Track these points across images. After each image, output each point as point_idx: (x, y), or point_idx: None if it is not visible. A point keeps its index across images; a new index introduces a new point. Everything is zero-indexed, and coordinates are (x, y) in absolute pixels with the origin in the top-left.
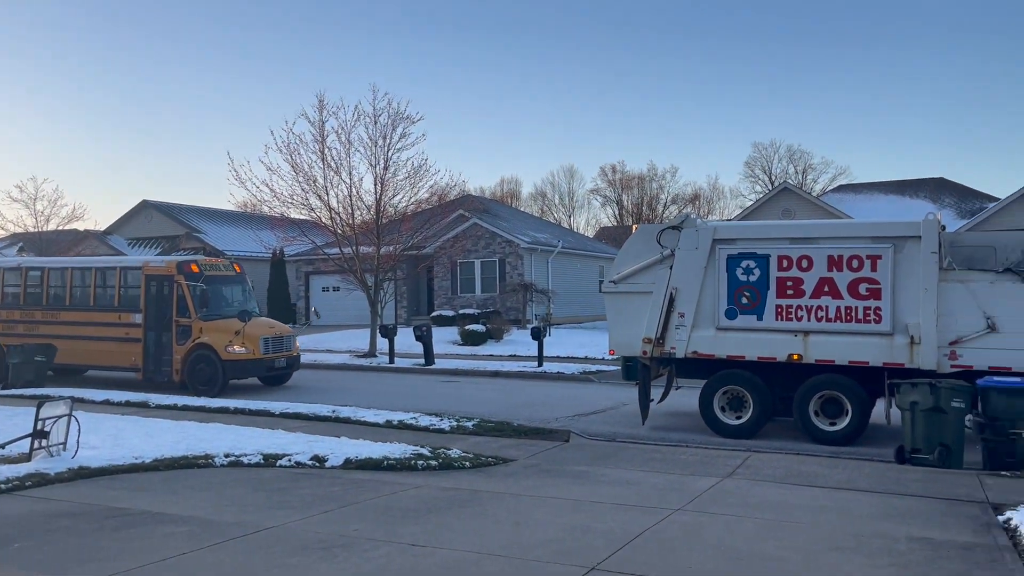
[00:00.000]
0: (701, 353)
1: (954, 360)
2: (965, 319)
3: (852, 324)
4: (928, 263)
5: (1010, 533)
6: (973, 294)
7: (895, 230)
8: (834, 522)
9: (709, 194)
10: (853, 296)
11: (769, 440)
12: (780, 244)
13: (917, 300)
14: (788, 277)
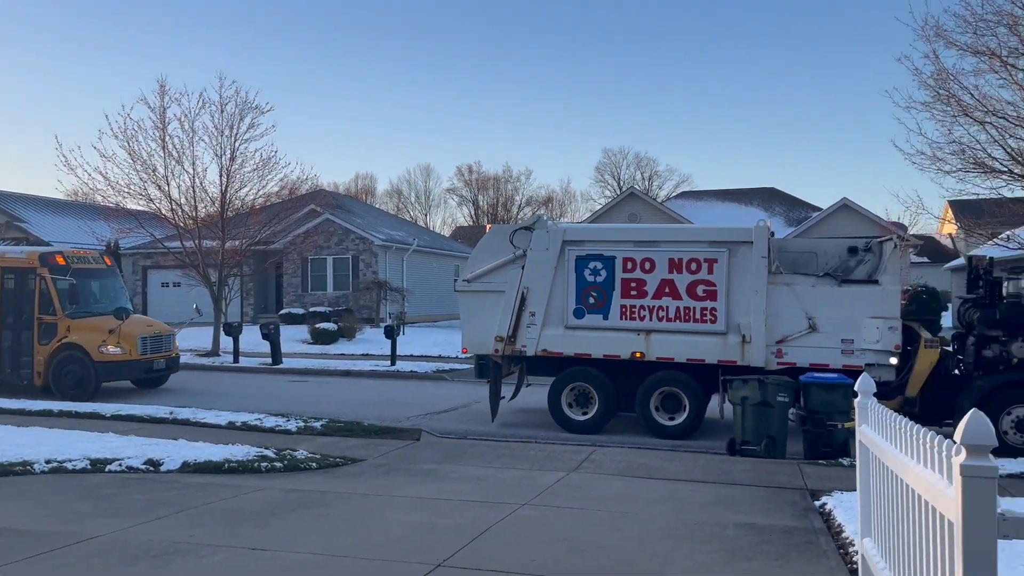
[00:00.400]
0: (551, 351)
1: (780, 358)
2: (790, 319)
3: (690, 324)
4: (758, 267)
5: (824, 517)
6: (797, 296)
7: (730, 235)
8: (670, 512)
9: (562, 197)
10: (692, 297)
11: (613, 435)
12: (625, 247)
13: (748, 301)
14: (632, 278)
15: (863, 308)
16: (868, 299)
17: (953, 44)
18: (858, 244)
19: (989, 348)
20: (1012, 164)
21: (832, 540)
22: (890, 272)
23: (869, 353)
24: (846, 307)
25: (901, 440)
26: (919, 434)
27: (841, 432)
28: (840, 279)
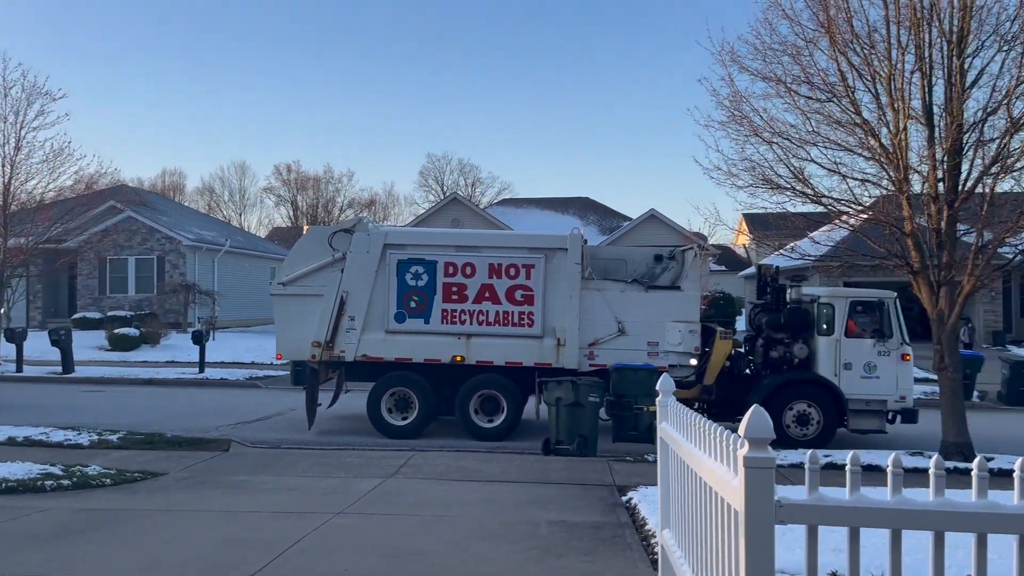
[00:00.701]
0: (370, 356)
1: (592, 360)
2: (601, 323)
3: (509, 328)
4: (573, 273)
5: (630, 511)
6: (608, 301)
7: (546, 242)
8: (486, 513)
9: (385, 200)
10: (510, 302)
11: (434, 439)
12: (447, 251)
13: (563, 306)
14: (453, 283)
15: (667, 312)
16: (671, 304)
17: (746, 69)
18: (663, 252)
19: (775, 349)
20: (795, 182)
21: (636, 533)
22: (691, 279)
23: (672, 355)
24: (652, 311)
25: (695, 436)
26: (710, 429)
27: (646, 415)
28: (647, 285)
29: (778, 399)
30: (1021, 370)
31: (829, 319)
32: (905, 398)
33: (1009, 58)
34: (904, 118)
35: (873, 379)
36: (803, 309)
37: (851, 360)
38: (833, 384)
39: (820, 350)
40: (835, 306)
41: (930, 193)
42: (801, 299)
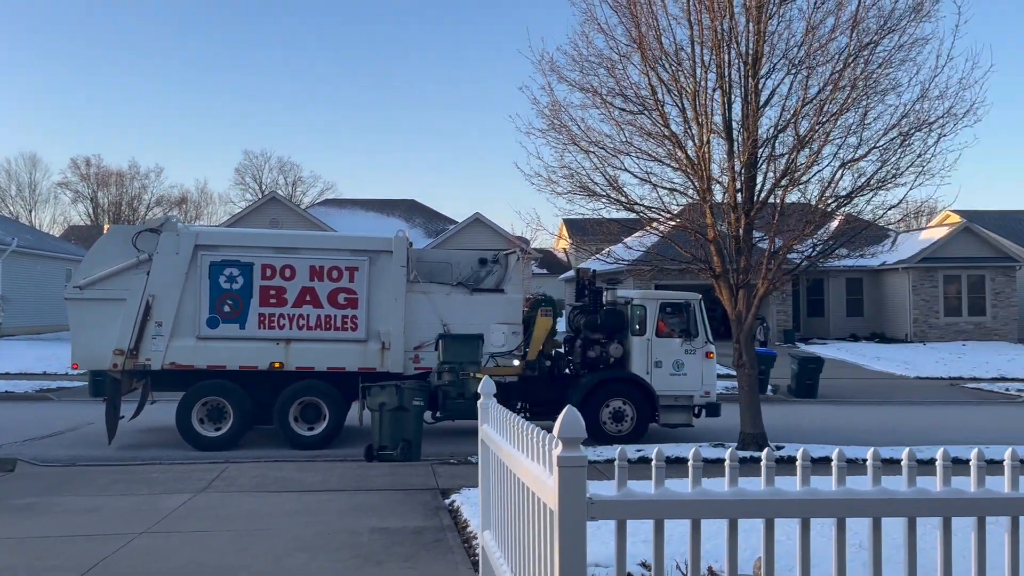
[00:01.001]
0: (180, 364)
1: (418, 363)
2: (427, 326)
3: (331, 332)
4: (398, 276)
5: (453, 514)
6: (433, 304)
7: (371, 244)
8: (304, 524)
9: (198, 198)
10: (333, 305)
11: (250, 449)
12: (265, 253)
13: (388, 309)
14: (271, 286)
15: (491, 315)
16: (495, 306)
17: (564, 79)
18: (487, 256)
19: (592, 349)
20: (610, 189)
21: (459, 535)
22: (514, 282)
23: (496, 356)
24: (476, 314)
25: (514, 437)
26: (527, 430)
27: (473, 382)
28: (472, 288)
29: (595, 397)
30: (808, 366)
31: (641, 320)
32: (709, 393)
33: (796, 81)
34: (707, 132)
35: (681, 376)
36: (618, 311)
37: (661, 358)
38: (645, 382)
39: (634, 349)
40: (647, 307)
41: (730, 202)
42: (616, 301)
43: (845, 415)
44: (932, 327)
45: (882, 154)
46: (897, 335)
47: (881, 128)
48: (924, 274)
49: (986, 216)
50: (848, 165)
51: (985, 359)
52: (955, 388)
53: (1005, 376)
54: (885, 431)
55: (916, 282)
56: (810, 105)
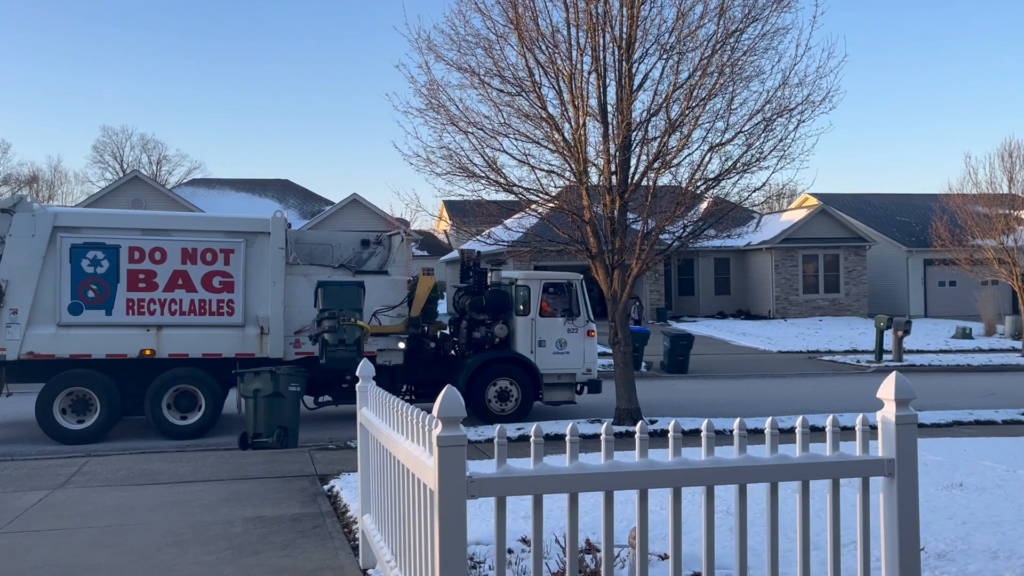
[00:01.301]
0: (39, 354)
1: (298, 348)
2: (308, 309)
3: (206, 317)
4: (276, 258)
5: (332, 500)
6: (313, 287)
7: (247, 226)
8: (174, 517)
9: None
10: (207, 289)
11: (116, 442)
12: (132, 235)
13: (267, 293)
14: (140, 269)
15: (375, 298)
16: (379, 289)
17: (442, 59)
18: (369, 237)
19: (477, 330)
20: (489, 171)
21: (338, 521)
22: (398, 264)
23: (379, 339)
24: (359, 297)
25: (394, 419)
26: (406, 412)
27: (355, 328)
28: (354, 270)
29: (481, 377)
30: (679, 342)
31: (525, 300)
32: (591, 371)
33: (668, 66)
34: (583, 115)
35: (564, 354)
36: (503, 291)
37: (545, 338)
38: (530, 361)
39: (518, 329)
40: (531, 288)
41: (605, 185)
42: (501, 282)
43: (714, 389)
44: (792, 304)
45: (747, 138)
46: (761, 312)
47: (746, 113)
48: (785, 254)
49: (840, 199)
50: (716, 149)
51: (839, 333)
52: (812, 361)
53: (856, 348)
54: (750, 403)
55: (778, 261)
56: (681, 90)
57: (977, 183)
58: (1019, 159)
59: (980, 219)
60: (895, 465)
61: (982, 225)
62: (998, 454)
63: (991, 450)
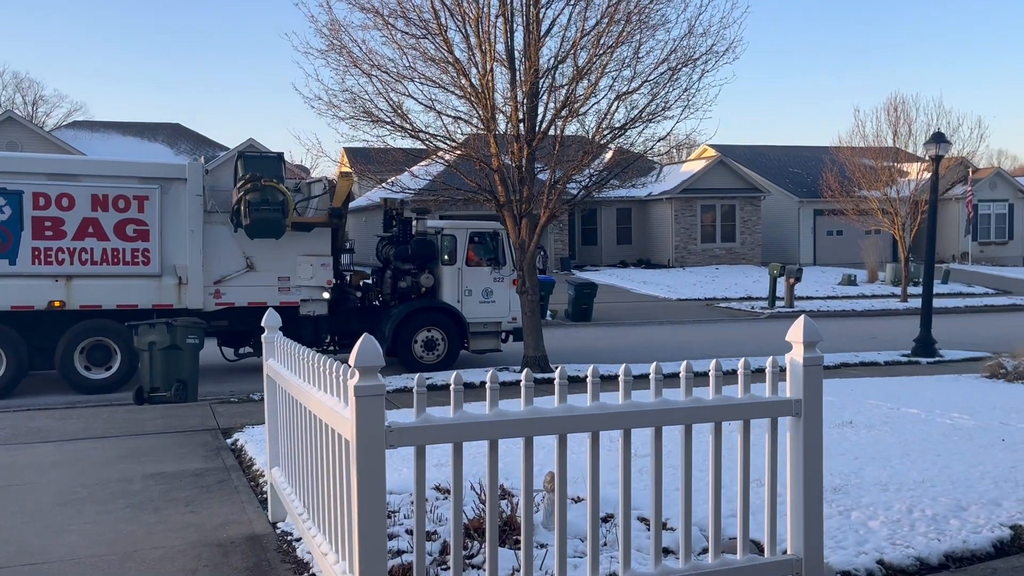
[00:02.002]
0: None
1: (219, 298)
2: (228, 259)
3: (120, 267)
4: (194, 205)
5: (236, 453)
6: (235, 236)
7: (162, 171)
8: (67, 476)
9: None
10: (120, 238)
11: (31, 398)
12: (37, 180)
13: (184, 242)
14: (47, 216)
15: (298, 247)
16: (302, 239)
17: None
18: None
19: (403, 280)
20: (394, 116)
21: (244, 475)
22: (319, 212)
23: (304, 289)
24: (282, 246)
25: (305, 370)
26: (319, 362)
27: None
28: None
29: (407, 327)
30: (583, 291)
31: (451, 250)
32: (516, 319)
33: (575, 12)
34: (491, 60)
35: (490, 303)
36: (428, 240)
37: (471, 287)
38: (457, 310)
39: (444, 279)
40: (456, 237)
41: (513, 133)
42: (426, 231)
43: (617, 336)
44: (691, 253)
45: (653, 88)
46: (661, 261)
47: (652, 62)
48: (684, 204)
49: (737, 150)
50: (623, 97)
51: (735, 281)
52: (710, 308)
53: (751, 296)
54: (652, 349)
55: (677, 211)
56: (588, 37)
57: (865, 136)
58: (903, 114)
59: (867, 171)
60: (802, 405)
61: (868, 177)
62: (882, 393)
63: (876, 390)
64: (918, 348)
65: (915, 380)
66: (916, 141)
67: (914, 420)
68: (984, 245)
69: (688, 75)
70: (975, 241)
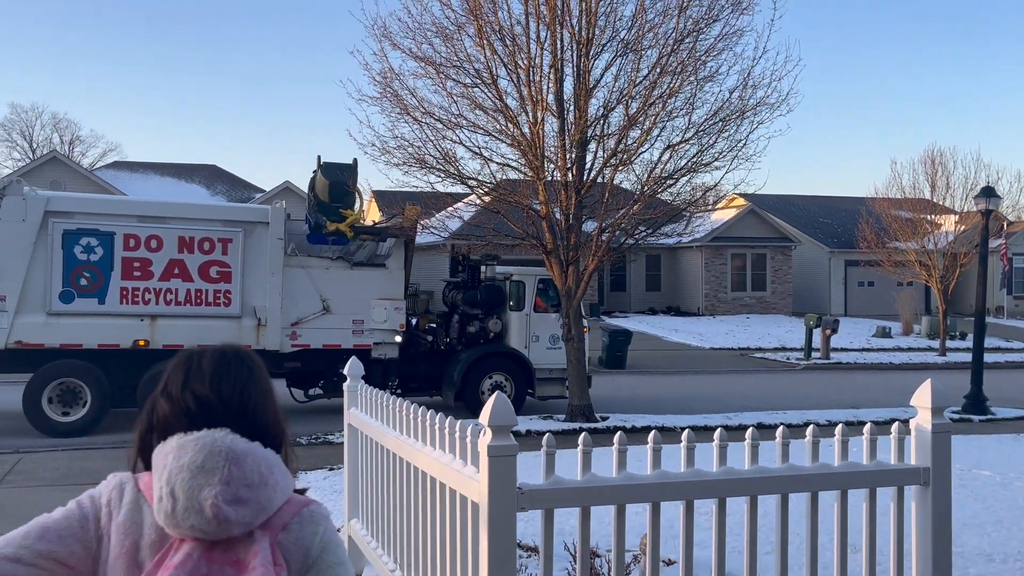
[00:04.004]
0: (28, 343)
1: (295, 340)
2: (305, 301)
3: (203, 307)
4: (275, 249)
5: None
6: (312, 279)
7: (246, 215)
8: None
9: None
10: (204, 279)
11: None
12: (128, 221)
13: (265, 284)
14: (135, 257)
15: (372, 290)
16: (376, 281)
17: (397, 47)
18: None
19: (471, 325)
20: (444, 163)
21: None
22: (395, 256)
23: (377, 332)
24: (357, 289)
25: (408, 425)
26: (433, 419)
27: None
28: (352, 262)
29: (475, 372)
30: (618, 338)
31: (519, 296)
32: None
33: (627, 62)
34: (542, 110)
35: (556, 350)
36: (497, 286)
37: (539, 333)
38: (524, 356)
39: (512, 324)
40: (525, 283)
41: (562, 180)
42: (495, 277)
43: (654, 384)
44: (721, 301)
45: (704, 138)
46: (691, 309)
47: (704, 113)
48: (714, 252)
49: (766, 199)
50: (674, 147)
51: (767, 331)
52: (745, 358)
53: (785, 346)
54: (692, 399)
55: (707, 259)
56: (640, 87)
57: (902, 188)
58: (940, 167)
59: (903, 223)
60: (931, 474)
61: (905, 229)
62: None
63: None
64: (968, 405)
65: (975, 440)
66: (953, 194)
67: (991, 484)
68: (1019, 299)
69: (738, 126)
70: (1010, 295)
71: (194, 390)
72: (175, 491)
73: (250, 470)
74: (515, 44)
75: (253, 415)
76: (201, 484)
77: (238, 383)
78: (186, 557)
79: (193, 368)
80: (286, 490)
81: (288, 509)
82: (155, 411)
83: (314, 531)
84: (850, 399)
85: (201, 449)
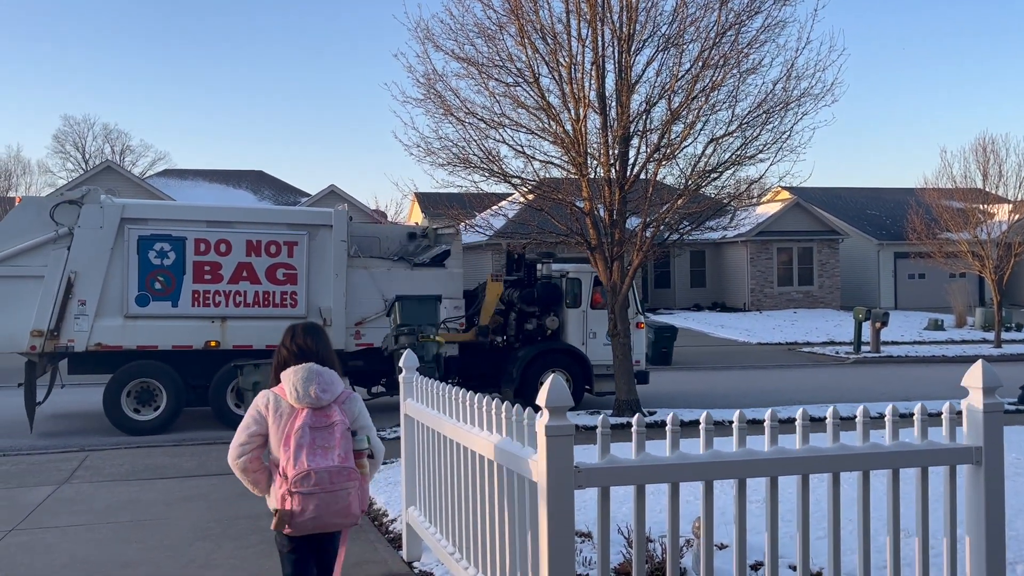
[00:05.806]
0: (107, 345)
1: (359, 339)
2: (368, 302)
3: (270, 309)
4: (339, 251)
5: None
6: (374, 279)
7: (310, 218)
8: (197, 511)
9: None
10: (271, 281)
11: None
12: (198, 227)
13: (329, 285)
14: (206, 261)
15: (432, 289)
16: (438, 281)
17: (440, 48)
18: (415, 230)
19: (529, 322)
20: (488, 162)
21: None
22: (455, 257)
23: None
24: (418, 289)
25: (463, 411)
26: (487, 403)
27: (432, 344)
28: (413, 263)
29: (534, 368)
30: (664, 334)
31: (576, 293)
32: (640, 362)
33: (669, 56)
34: (584, 107)
35: None
36: (553, 284)
37: (596, 330)
38: (581, 352)
39: (569, 321)
40: (582, 280)
41: (605, 177)
42: (551, 275)
43: (701, 380)
44: (767, 296)
45: (747, 130)
46: (736, 304)
47: (748, 106)
48: (760, 247)
49: (811, 192)
50: (718, 140)
51: (815, 325)
52: (793, 352)
53: (834, 340)
54: (741, 394)
55: (753, 254)
56: (682, 81)
57: (953, 177)
58: (992, 154)
59: (955, 213)
60: (983, 453)
61: (956, 219)
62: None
63: None
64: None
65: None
66: (1007, 182)
67: None
68: None
69: (782, 118)
70: None
71: (296, 343)
72: (297, 388)
73: (326, 379)
74: (556, 42)
75: (324, 356)
76: (308, 384)
77: (317, 340)
78: (306, 415)
79: (296, 333)
80: (341, 385)
81: (344, 393)
82: (279, 355)
83: (355, 403)
84: (902, 392)
85: (305, 370)
